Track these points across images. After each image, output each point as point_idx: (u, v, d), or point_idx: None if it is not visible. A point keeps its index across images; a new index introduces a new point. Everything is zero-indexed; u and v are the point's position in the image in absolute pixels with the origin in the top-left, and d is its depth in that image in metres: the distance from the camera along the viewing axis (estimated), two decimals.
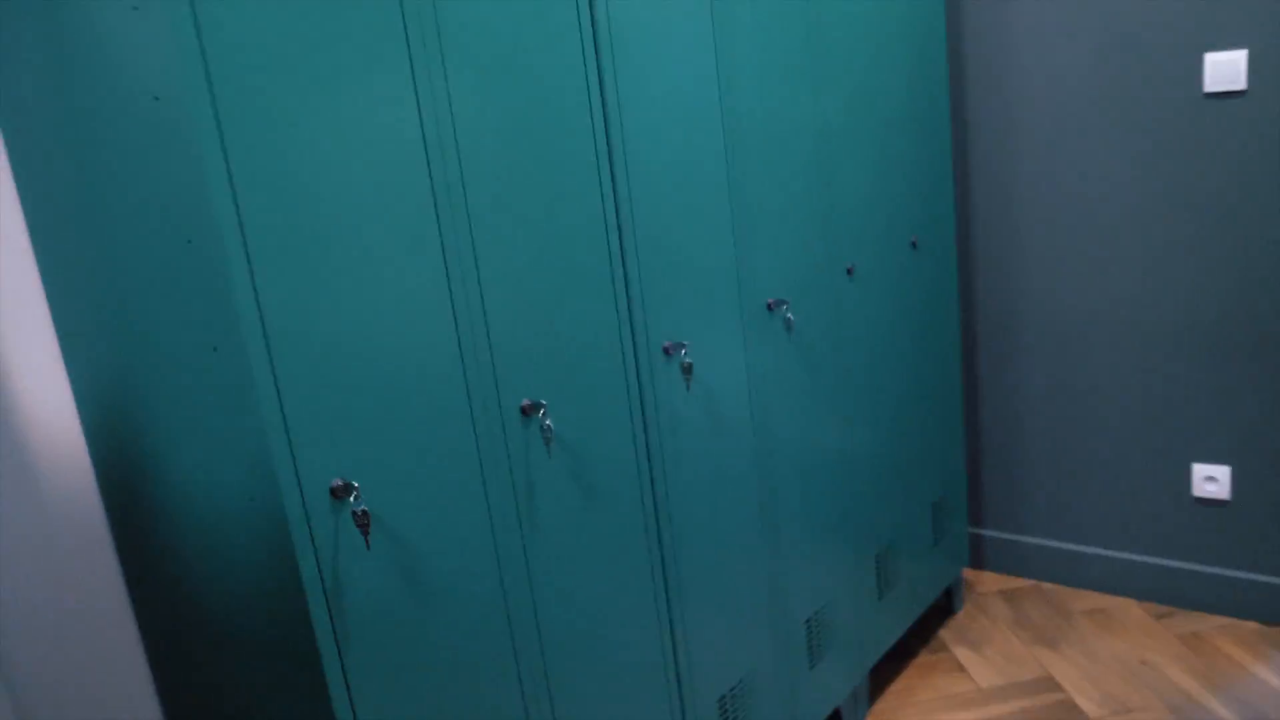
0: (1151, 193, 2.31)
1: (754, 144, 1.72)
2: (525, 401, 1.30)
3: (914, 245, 2.22)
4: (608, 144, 1.42)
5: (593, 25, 1.39)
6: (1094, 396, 2.51)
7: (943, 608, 2.64)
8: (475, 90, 1.22)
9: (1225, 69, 2.16)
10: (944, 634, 2.53)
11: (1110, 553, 2.58)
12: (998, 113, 2.47)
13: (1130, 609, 2.55)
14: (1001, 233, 2.54)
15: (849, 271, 1.99)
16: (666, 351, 1.55)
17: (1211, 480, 2.40)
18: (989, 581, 2.75)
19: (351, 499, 1.08)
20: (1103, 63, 2.30)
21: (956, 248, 2.53)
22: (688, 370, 1.58)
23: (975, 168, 2.53)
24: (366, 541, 1.11)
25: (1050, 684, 2.29)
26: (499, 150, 1.26)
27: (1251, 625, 2.42)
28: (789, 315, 1.81)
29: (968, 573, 2.76)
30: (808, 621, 1.96)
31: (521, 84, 1.28)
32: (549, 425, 1.33)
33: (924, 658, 2.44)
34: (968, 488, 2.72)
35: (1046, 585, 2.69)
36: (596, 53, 1.39)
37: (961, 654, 2.44)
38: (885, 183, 2.11)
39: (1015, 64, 2.42)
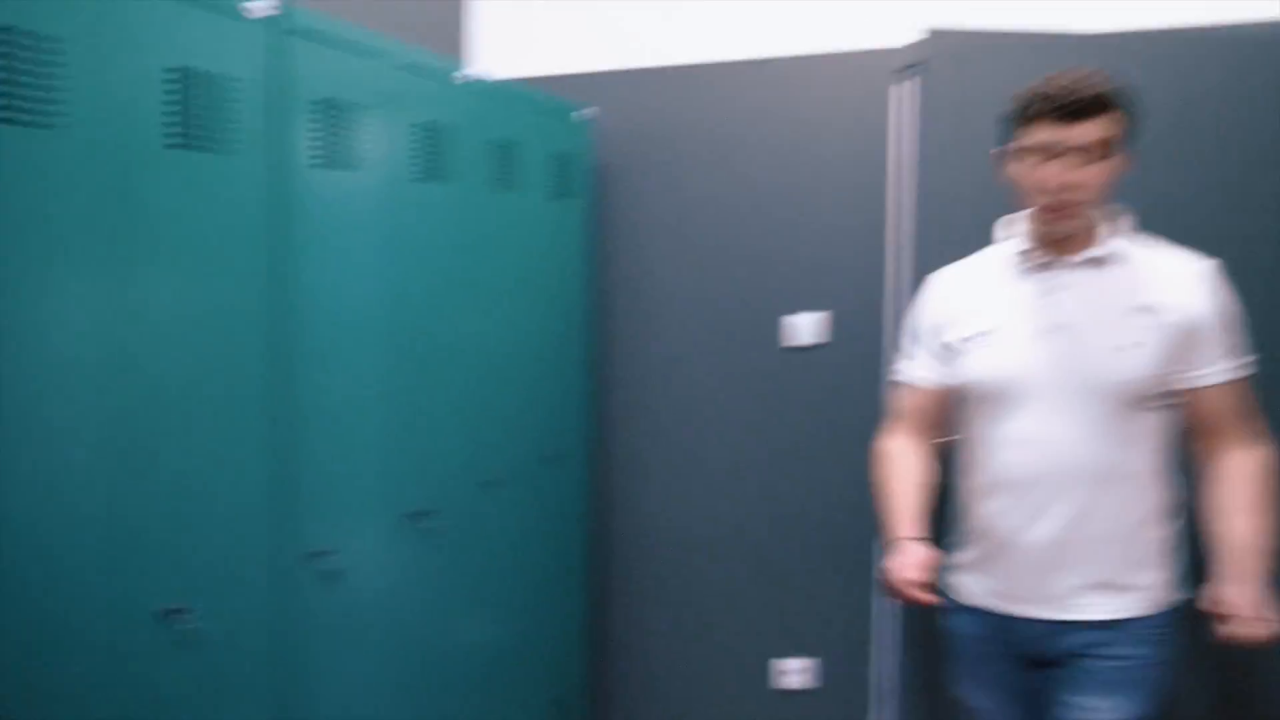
0: (746, 424, 2.76)
1: (414, 358, 1.91)
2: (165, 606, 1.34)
3: (548, 459, 2.48)
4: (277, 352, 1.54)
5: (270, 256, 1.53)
6: (701, 597, 2.84)
7: None
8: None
9: (798, 329, 2.69)
10: None
11: None
12: (630, 346, 2.85)
13: None
14: (631, 450, 2.88)
15: (488, 483, 2.19)
16: (312, 557, 1.64)
17: (788, 673, 2.79)
18: None
19: None
20: (707, 312, 2.77)
21: (588, 462, 2.81)
22: (331, 574, 1.67)
23: (609, 392, 2.88)
24: None
25: None
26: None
27: None
28: (430, 524, 1.96)
29: None
30: None
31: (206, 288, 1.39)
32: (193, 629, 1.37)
33: None
34: (591, 687, 2.91)
35: None
36: (279, 279, 1.54)
37: None
38: (528, 403, 2.38)
39: (646, 306, 2.83)
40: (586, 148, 2.66)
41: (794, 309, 2.71)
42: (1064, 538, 1.66)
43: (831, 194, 2.64)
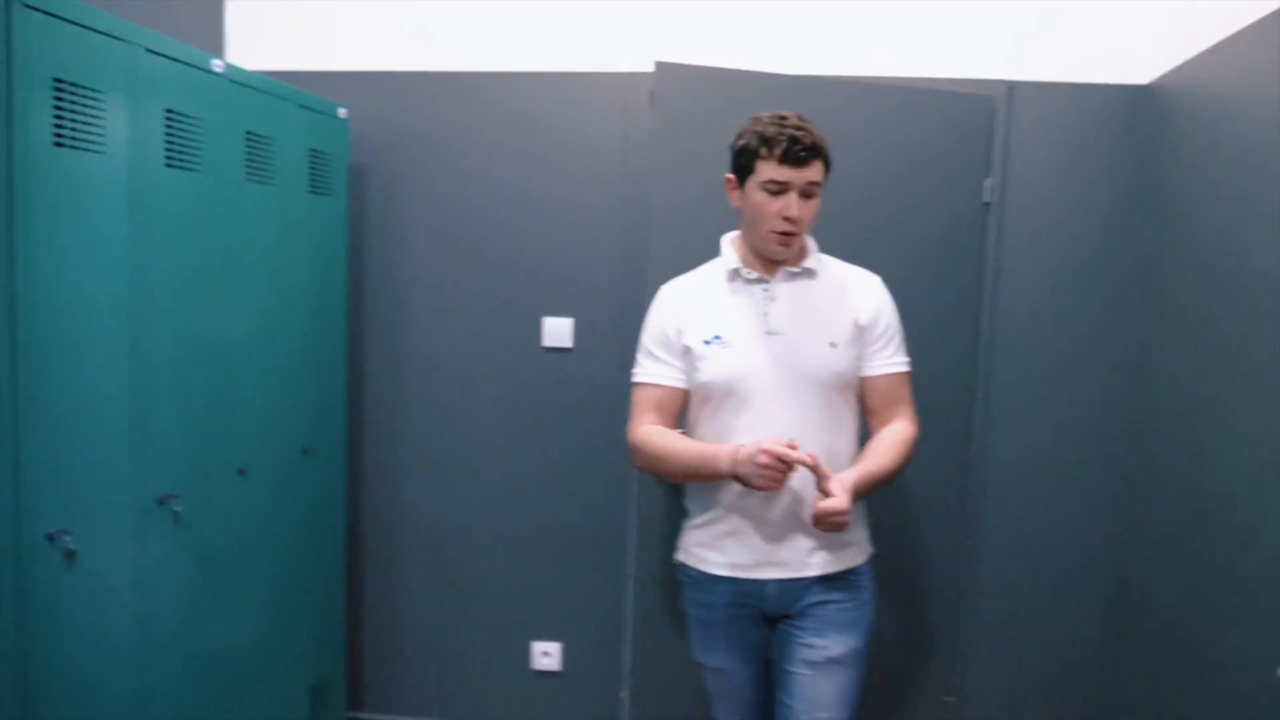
0: (502, 421, 2.91)
1: (161, 346, 1.92)
2: None
3: (305, 451, 2.53)
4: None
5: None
6: (461, 585, 2.96)
7: None
8: None
9: (557, 330, 2.87)
10: None
11: None
12: (388, 344, 2.93)
13: None
14: (391, 443, 2.95)
15: (241, 472, 2.22)
16: (50, 538, 1.64)
17: (546, 655, 2.95)
18: None
19: None
20: (465, 312, 2.90)
21: (347, 455, 2.87)
22: (70, 556, 1.67)
23: (368, 387, 2.94)
24: None
25: None
26: None
27: None
28: (178, 509, 1.97)
29: None
30: None
31: None
32: None
33: None
34: (351, 674, 2.95)
35: None
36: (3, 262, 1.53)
37: None
38: (283, 395, 2.42)
39: (404, 301, 2.92)
40: (344, 145, 2.72)
41: (550, 312, 2.88)
42: (796, 510, 1.94)
43: (580, 204, 2.84)
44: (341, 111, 2.69)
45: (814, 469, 1.83)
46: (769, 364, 1.95)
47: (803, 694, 1.98)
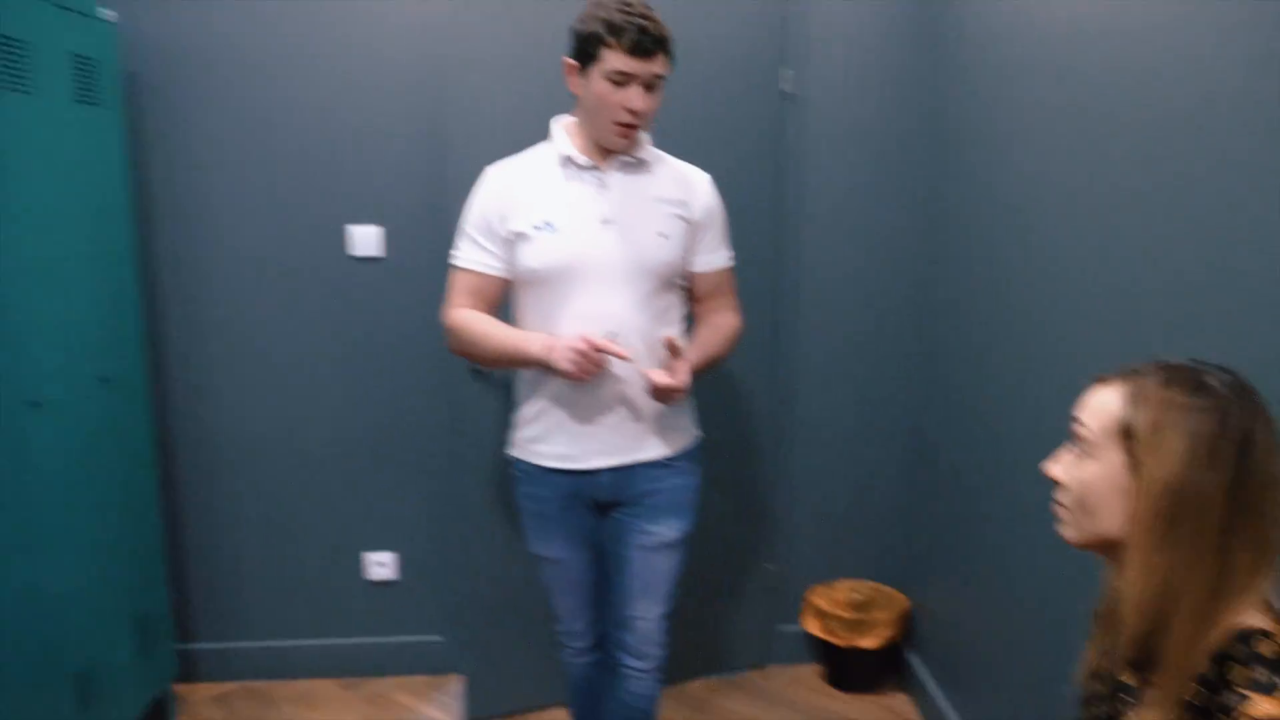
0: (315, 331, 2.84)
1: None
2: None
3: (104, 380, 2.40)
4: None
5: None
6: (285, 504, 2.92)
7: None
8: None
9: (365, 239, 2.80)
10: None
11: (306, 642, 2.99)
12: (184, 263, 2.79)
13: (327, 687, 2.97)
14: (197, 366, 2.84)
15: (35, 404, 2.09)
16: None
17: (381, 565, 2.97)
18: (205, 691, 2.94)
19: None
20: (266, 223, 2.78)
21: (148, 381, 2.73)
22: None
23: (167, 310, 2.80)
24: None
25: None
26: None
27: (421, 678, 3.01)
28: None
29: (183, 686, 2.91)
30: None
31: None
32: None
33: None
34: (176, 604, 2.88)
35: (257, 684, 2.98)
36: None
37: None
38: (72, 322, 2.27)
39: (199, 217, 2.77)
40: (113, 51, 2.51)
41: (356, 220, 2.80)
42: (628, 394, 1.99)
43: (383, 107, 2.75)
44: (108, 14, 2.48)
45: (649, 374, 1.90)
46: (600, 252, 1.95)
47: (638, 574, 2.09)
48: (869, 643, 2.88)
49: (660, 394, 1.93)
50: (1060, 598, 2.09)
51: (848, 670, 2.98)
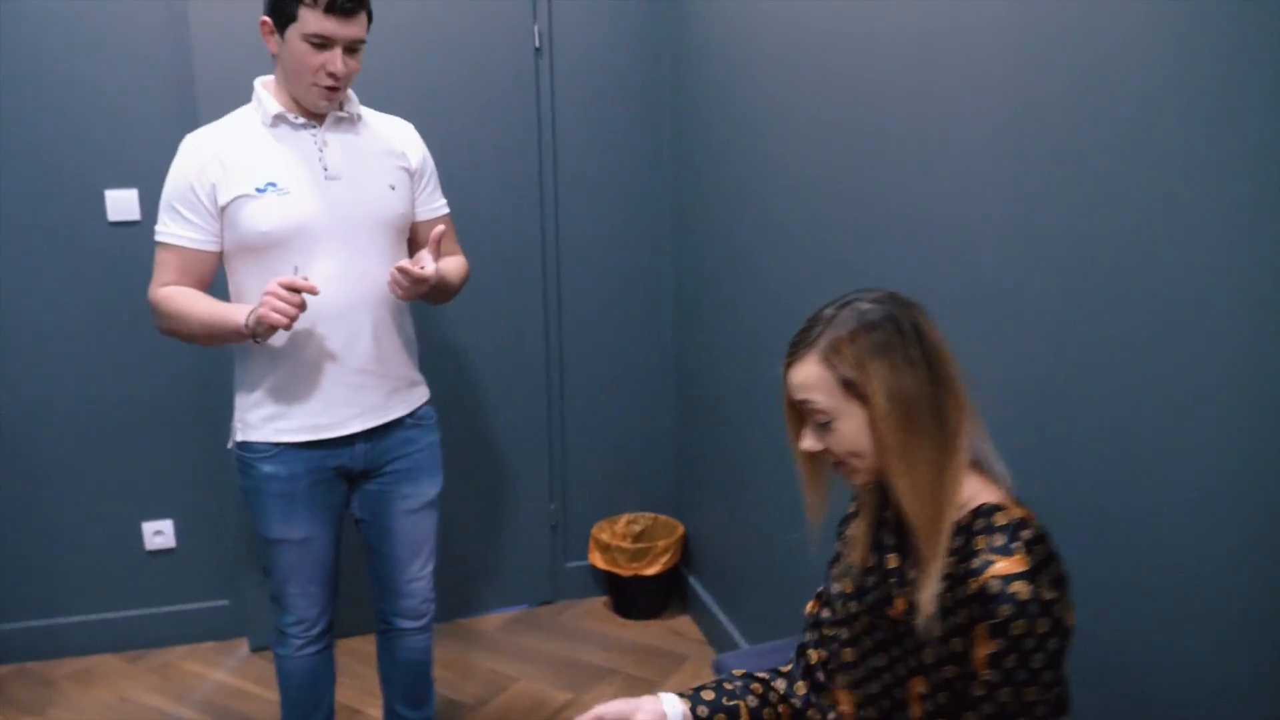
0: (80, 298, 2.87)
1: None
2: None
3: None
4: None
5: None
6: (54, 478, 2.95)
7: None
8: None
9: (122, 203, 2.84)
10: None
11: (84, 617, 3.04)
12: None
13: (109, 661, 3.04)
14: None
15: None
16: None
17: (159, 534, 3.04)
18: None
19: None
20: (23, 195, 2.79)
21: None
22: None
23: None
24: None
25: None
26: None
27: (209, 644, 3.11)
28: None
29: None
30: None
31: None
32: None
33: None
34: None
35: (31, 665, 3.01)
36: None
37: None
38: None
39: None
40: None
41: (112, 184, 2.85)
42: (377, 352, 2.08)
43: (131, 67, 2.80)
44: None
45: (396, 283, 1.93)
46: (331, 209, 1.99)
47: (406, 539, 2.22)
48: (651, 570, 3.18)
49: (407, 285, 1.96)
50: (802, 515, 2.43)
51: (633, 598, 3.27)
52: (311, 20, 1.87)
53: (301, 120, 2.02)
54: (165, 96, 2.82)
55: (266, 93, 2.03)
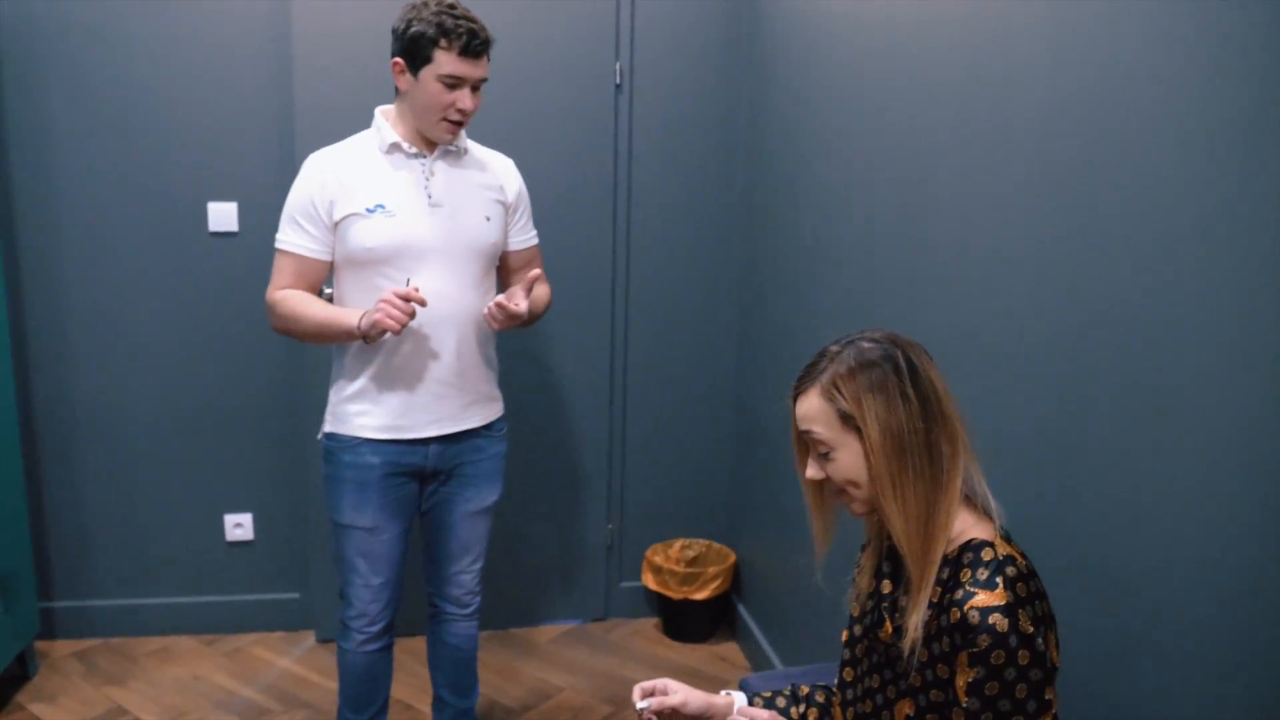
0: (175, 306, 3.13)
1: None
2: None
3: None
4: None
5: None
6: (147, 470, 3.21)
7: (18, 676, 3.01)
8: None
9: (222, 215, 3.10)
10: (20, 697, 2.93)
11: (166, 600, 3.28)
12: (44, 238, 3.05)
13: (186, 643, 3.28)
14: (54, 337, 3.10)
15: None
16: None
17: (239, 526, 3.27)
18: (64, 647, 3.21)
19: None
20: (130, 204, 3.07)
21: (10, 351, 2.99)
22: None
23: (25, 283, 3.06)
24: None
25: (120, 711, 2.87)
26: None
27: (278, 634, 3.33)
28: None
29: (44, 643, 3.18)
30: None
31: None
32: None
33: None
34: (40, 564, 3.15)
35: (116, 640, 3.27)
36: None
37: (37, 708, 2.88)
38: None
39: (57, 196, 3.03)
40: None
41: (214, 197, 3.11)
42: (458, 366, 2.27)
43: (236, 86, 3.06)
44: None
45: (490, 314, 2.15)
46: (432, 234, 2.19)
47: (461, 537, 2.42)
48: (701, 595, 3.29)
49: (501, 319, 2.18)
50: (849, 546, 2.52)
51: (683, 622, 3.39)
52: (446, 63, 2.09)
53: (414, 150, 2.22)
54: (266, 116, 3.06)
55: (386, 122, 2.23)
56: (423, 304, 2.08)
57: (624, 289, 3.31)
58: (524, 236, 2.44)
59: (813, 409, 1.39)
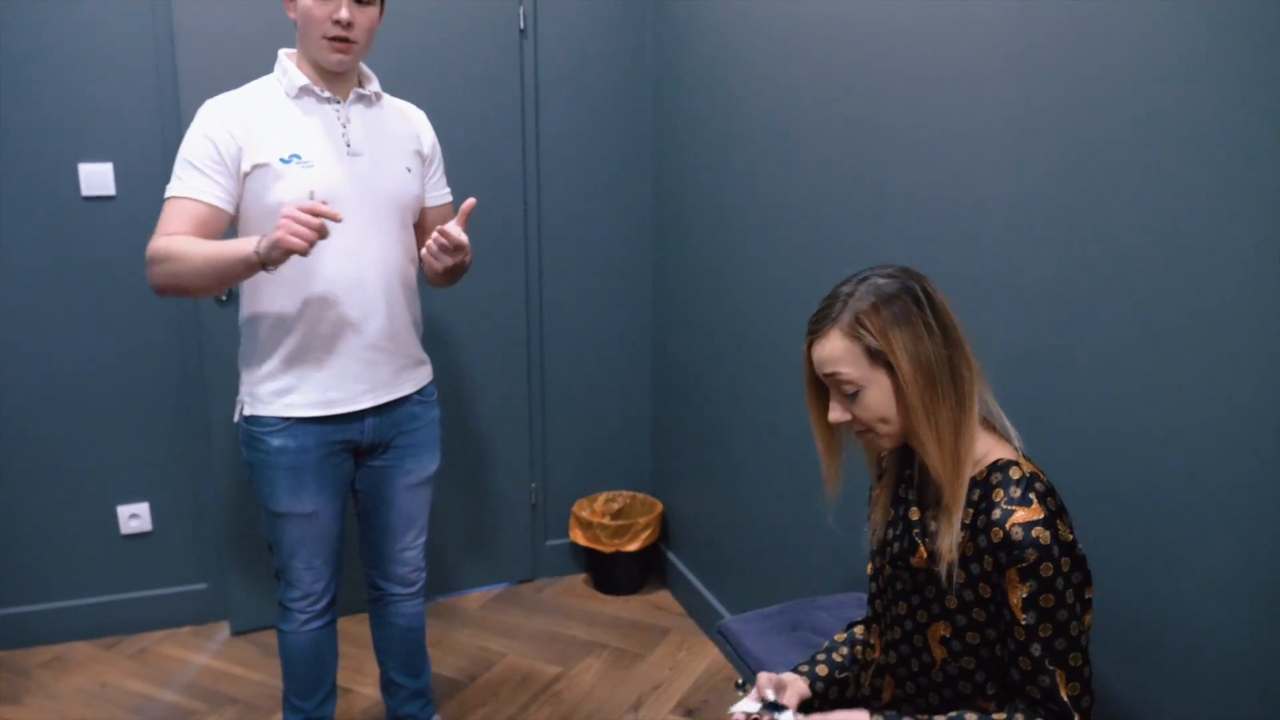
0: (53, 279, 2.85)
1: None
2: None
3: None
4: None
5: None
6: (26, 461, 2.92)
7: None
8: None
9: (97, 177, 2.84)
10: None
11: (57, 604, 3.02)
12: None
13: (82, 648, 3.02)
14: None
15: None
16: None
17: (135, 517, 3.05)
18: None
19: None
20: None
21: None
22: None
23: None
24: None
25: None
26: None
27: (188, 629, 3.13)
28: None
29: None
30: None
31: None
32: None
33: None
34: None
35: (2, 654, 2.98)
36: None
37: None
38: None
39: None
40: None
41: (86, 158, 2.83)
42: (390, 329, 2.12)
43: (108, 41, 2.78)
44: None
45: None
46: (353, 185, 2.02)
47: (403, 511, 2.29)
48: (632, 547, 3.28)
49: (447, 247, 2.00)
50: (782, 489, 2.57)
51: (614, 575, 3.37)
52: None
53: (327, 94, 2.05)
54: (143, 68, 2.80)
55: (291, 64, 2.06)
56: (335, 219, 1.82)
57: (536, 241, 3.21)
58: (440, 192, 2.30)
59: (836, 350, 1.38)
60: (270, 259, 1.85)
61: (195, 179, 1.97)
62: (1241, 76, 1.27)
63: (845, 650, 1.65)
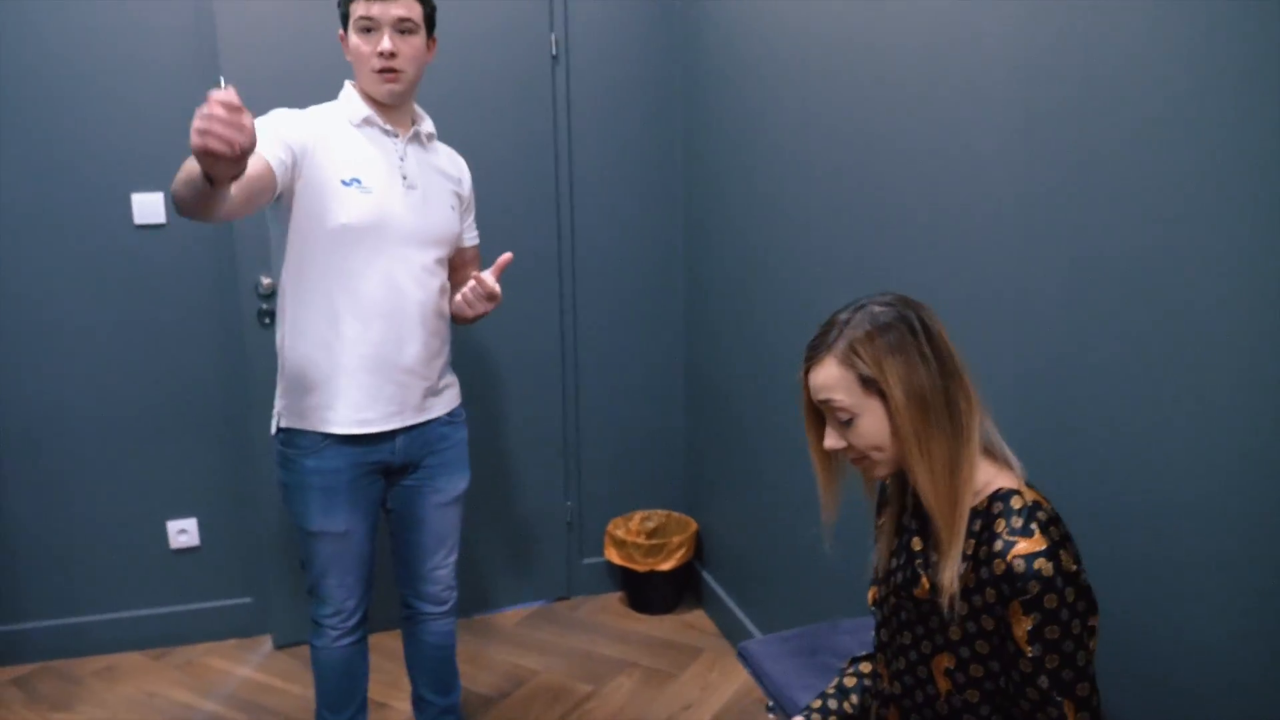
0: (105, 304, 2.97)
1: None
2: None
3: None
4: None
5: None
6: (79, 479, 3.03)
7: None
8: None
9: (149, 206, 2.95)
10: None
11: (109, 615, 3.13)
12: None
13: (133, 659, 3.12)
14: None
15: None
16: None
17: (184, 533, 3.15)
18: (1, 675, 3.03)
19: None
20: (46, 199, 2.88)
21: None
22: None
23: None
24: None
25: None
26: None
27: (232, 641, 3.22)
28: None
29: None
30: None
31: None
32: None
33: None
34: None
35: (57, 662, 3.09)
36: None
37: None
38: None
39: None
40: None
41: (138, 188, 2.94)
42: (424, 355, 2.20)
43: (157, 76, 2.89)
44: None
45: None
46: (405, 215, 2.12)
47: (434, 530, 2.35)
48: (666, 566, 3.30)
49: (482, 295, 2.13)
50: (814, 508, 2.56)
51: (648, 593, 3.39)
52: (358, 8, 2.04)
53: (387, 127, 2.14)
54: (193, 102, 2.87)
55: (356, 93, 2.15)
56: (235, 105, 1.51)
57: (570, 262, 3.27)
58: (471, 234, 2.41)
59: (831, 377, 1.39)
60: (202, 166, 1.59)
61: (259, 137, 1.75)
62: (1253, 88, 1.26)
63: (855, 699, 1.66)
